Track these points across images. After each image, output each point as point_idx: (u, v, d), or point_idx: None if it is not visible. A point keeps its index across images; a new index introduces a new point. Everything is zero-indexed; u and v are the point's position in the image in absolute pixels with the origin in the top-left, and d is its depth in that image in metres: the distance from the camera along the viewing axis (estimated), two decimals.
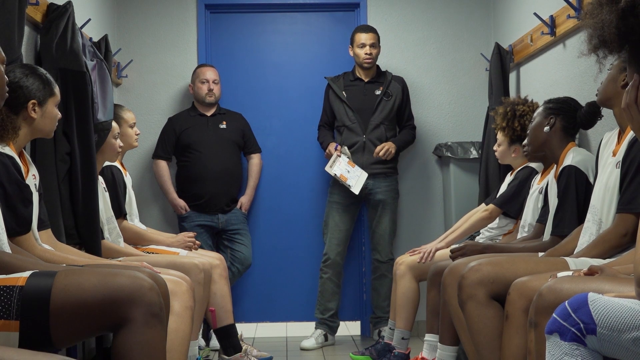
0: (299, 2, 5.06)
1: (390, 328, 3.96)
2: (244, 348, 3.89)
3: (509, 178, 3.79)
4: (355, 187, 4.46)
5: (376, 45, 4.59)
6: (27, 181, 2.49)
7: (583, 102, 3.16)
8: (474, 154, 4.57)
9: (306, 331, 4.73)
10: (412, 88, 4.91)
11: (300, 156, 5.01)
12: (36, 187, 2.59)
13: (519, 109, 3.63)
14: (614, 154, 2.59)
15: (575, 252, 2.67)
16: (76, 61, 3.24)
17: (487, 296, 2.56)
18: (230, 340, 3.85)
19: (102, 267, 2.32)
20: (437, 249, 3.73)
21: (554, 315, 1.72)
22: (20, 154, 2.54)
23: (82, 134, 3.23)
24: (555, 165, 3.11)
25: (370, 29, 4.59)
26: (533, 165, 3.58)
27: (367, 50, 4.55)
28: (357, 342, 4.71)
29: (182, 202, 4.69)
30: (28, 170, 2.55)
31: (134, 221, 3.94)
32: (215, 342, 4.22)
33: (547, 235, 3.07)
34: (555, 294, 1.97)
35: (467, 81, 4.97)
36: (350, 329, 5.02)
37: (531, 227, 3.35)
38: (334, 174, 4.47)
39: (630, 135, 2.51)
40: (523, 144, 3.33)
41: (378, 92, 4.63)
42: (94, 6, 4.28)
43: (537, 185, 3.41)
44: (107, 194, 3.50)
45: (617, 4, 1.70)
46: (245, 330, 4.62)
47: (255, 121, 4.91)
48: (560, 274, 2.19)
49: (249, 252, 4.76)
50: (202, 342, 4.19)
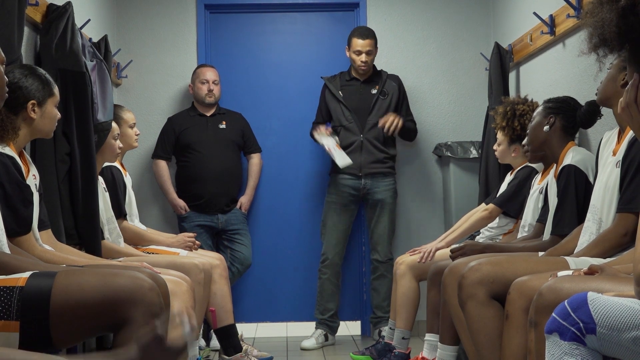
0: (299, 2, 5.06)
1: (390, 328, 3.96)
2: (244, 348, 3.89)
3: (509, 177, 3.79)
4: (339, 160, 4.43)
5: (372, 52, 4.57)
6: (28, 181, 2.49)
7: (583, 102, 3.16)
8: (474, 153, 4.57)
9: (306, 331, 4.73)
10: (411, 88, 4.92)
11: (300, 156, 5.01)
12: (36, 188, 2.59)
13: (519, 108, 3.63)
14: (614, 154, 2.59)
15: (575, 252, 2.67)
16: (76, 61, 3.24)
17: (487, 296, 2.56)
18: (230, 341, 3.85)
19: (102, 268, 2.32)
20: (437, 249, 3.73)
21: (554, 314, 1.72)
22: (21, 154, 2.54)
23: (82, 135, 3.23)
24: (555, 164, 3.11)
25: (368, 35, 4.55)
26: (533, 164, 3.57)
27: (363, 58, 4.53)
28: (357, 342, 4.71)
29: (181, 202, 4.69)
30: (28, 171, 2.55)
31: (134, 221, 3.94)
32: (215, 342, 4.22)
33: (547, 235, 3.07)
34: (556, 293, 1.97)
35: (466, 81, 4.97)
36: (350, 328, 5.02)
37: (531, 227, 3.35)
38: (322, 143, 4.46)
39: (630, 134, 2.51)
40: (523, 143, 3.33)
41: (374, 92, 4.62)
42: (94, 7, 4.28)
43: (537, 185, 3.41)
44: (107, 194, 3.50)
45: (618, 2, 1.70)
46: (245, 330, 4.62)
47: (255, 121, 4.91)
48: (561, 274, 2.19)
49: (249, 252, 4.76)
50: (202, 342, 4.19)
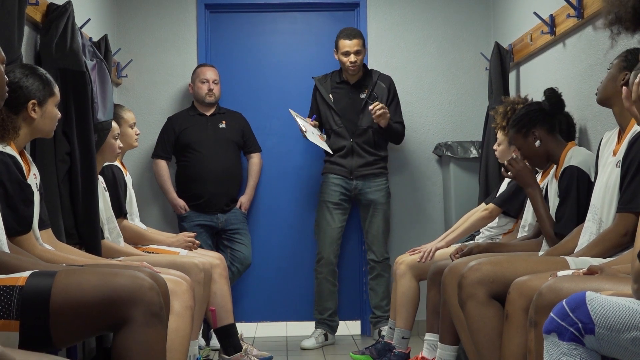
0: (299, 2, 5.06)
1: (390, 327, 3.96)
2: (244, 348, 3.89)
3: None
4: (309, 136, 4.38)
5: (361, 52, 4.53)
6: (29, 181, 2.49)
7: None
8: (474, 153, 4.57)
9: (306, 331, 4.73)
10: (411, 87, 4.92)
11: (300, 156, 5.01)
12: (37, 187, 2.59)
13: (519, 108, 3.62)
14: (614, 154, 2.59)
15: (575, 252, 2.67)
16: (76, 61, 3.24)
17: (487, 295, 2.56)
18: (230, 340, 3.85)
19: (102, 267, 2.32)
20: (437, 249, 3.73)
21: (552, 314, 1.72)
22: (21, 154, 2.54)
23: (82, 134, 3.23)
24: (555, 165, 3.10)
25: (355, 35, 4.52)
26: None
27: (352, 58, 4.51)
28: (357, 341, 4.71)
29: (181, 202, 4.69)
30: (29, 170, 2.55)
31: (135, 221, 3.94)
32: (215, 342, 4.22)
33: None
34: (555, 293, 1.97)
35: (467, 80, 4.97)
36: (350, 328, 5.02)
37: (531, 226, 3.34)
38: (298, 122, 4.39)
39: (630, 134, 2.51)
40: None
41: (363, 96, 4.60)
42: (94, 6, 4.28)
43: None
44: (107, 193, 3.50)
45: None
46: (245, 329, 4.62)
47: (255, 121, 4.91)
48: (560, 273, 2.19)
49: (249, 252, 4.76)
50: (202, 341, 4.19)
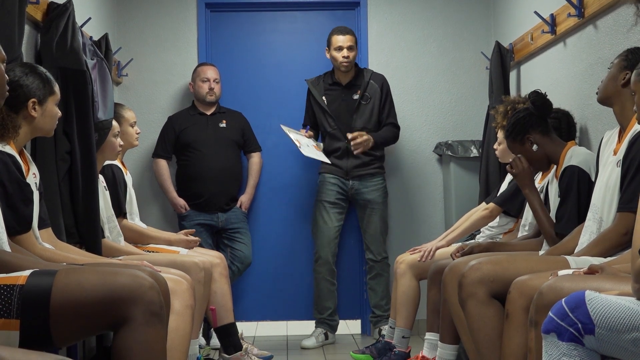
0: (299, 1, 5.06)
1: (390, 327, 3.96)
2: (244, 347, 3.88)
3: (509, 177, 3.78)
4: (305, 151, 4.38)
5: (353, 48, 4.53)
6: (28, 180, 2.49)
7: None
8: (475, 152, 4.57)
9: (307, 330, 4.73)
10: (412, 87, 4.91)
11: (300, 155, 4.99)
12: (37, 186, 2.59)
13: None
14: (615, 153, 2.59)
15: (575, 251, 2.67)
16: (76, 60, 3.24)
17: (488, 295, 2.56)
18: (230, 339, 3.85)
19: (103, 266, 2.32)
20: (438, 248, 3.73)
21: (551, 314, 1.72)
22: (21, 153, 2.54)
23: (83, 133, 3.23)
24: (556, 165, 3.10)
25: (347, 31, 4.53)
26: None
27: (345, 53, 4.50)
28: (357, 340, 4.71)
29: (182, 201, 4.69)
30: (29, 169, 2.55)
31: (135, 220, 3.94)
32: (215, 341, 4.22)
33: None
34: (556, 292, 1.97)
35: (467, 80, 4.97)
36: (350, 327, 5.02)
37: (532, 226, 3.34)
38: (290, 136, 4.38)
39: (630, 133, 2.51)
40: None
41: (356, 97, 4.59)
42: (94, 5, 4.28)
43: (537, 184, 3.40)
44: (108, 192, 3.50)
45: None
46: (245, 329, 4.62)
47: (255, 120, 4.91)
48: (561, 272, 2.19)
49: (249, 251, 4.76)
50: (202, 340, 4.19)
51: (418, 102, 4.93)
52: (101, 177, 3.47)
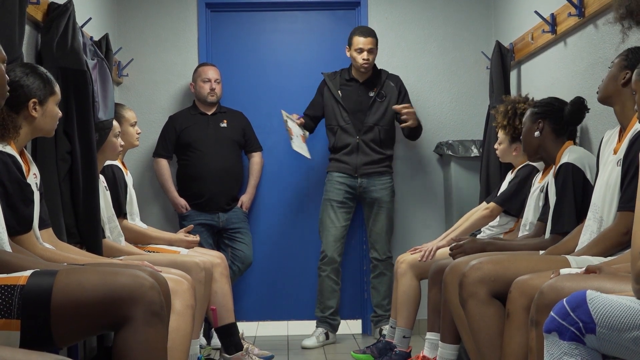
0: (300, 1, 5.06)
1: (391, 326, 3.96)
2: (245, 347, 3.89)
3: (509, 176, 3.79)
4: (294, 143, 4.48)
5: (374, 50, 4.56)
6: (28, 180, 2.49)
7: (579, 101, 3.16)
8: (475, 152, 4.57)
9: (307, 329, 4.73)
10: (413, 87, 4.91)
11: (301, 155, 5.00)
12: (37, 186, 2.59)
13: (520, 107, 3.63)
14: (615, 152, 2.59)
15: (576, 250, 2.67)
16: (77, 60, 3.24)
17: (488, 294, 2.56)
18: (231, 339, 3.85)
19: (103, 266, 2.32)
20: (438, 248, 3.73)
21: (552, 313, 1.72)
22: (21, 153, 2.54)
23: (83, 133, 3.23)
24: (554, 164, 3.11)
25: (369, 33, 4.56)
26: (534, 163, 3.57)
27: (365, 55, 4.53)
28: (358, 340, 4.71)
29: (182, 201, 4.69)
30: (29, 169, 2.55)
31: (135, 220, 3.94)
32: (216, 341, 4.22)
33: (548, 234, 3.07)
34: (556, 292, 1.97)
35: (468, 79, 4.97)
36: (351, 327, 5.02)
37: (532, 225, 3.35)
38: (289, 127, 4.48)
39: (631, 133, 2.51)
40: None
41: (372, 94, 4.61)
42: (95, 5, 4.28)
43: (538, 183, 3.41)
44: (108, 192, 3.50)
45: None
46: (246, 328, 4.62)
47: (256, 120, 4.91)
48: (563, 271, 2.19)
49: (250, 251, 4.76)
50: (203, 340, 4.19)
51: (418, 101, 4.93)
52: (102, 177, 3.48)
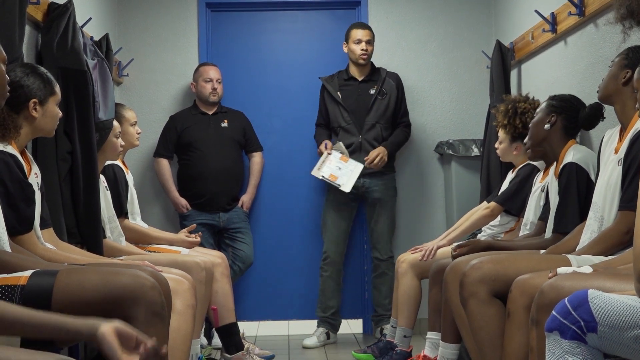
0: (300, 0, 5.06)
1: (392, 326, 3.96)
2: (246, 346, 3.89)
3: (510, 176, 3.78)
4: (347, 185, 4.43)
5: (371, 42, 4.59)
6: (30, 180, 2.49)
7: (585, 99, 3.15)
8: (476, 151, 4.57)
9: (308, 329, 4.73)
10: (413, 86, 4.91)
11: (301, 154, 5.00)
12: (38, 186, 2.59)
13: (520, 106, 3.63)
14: (616, 152, 2.59)
15: (577, 250, 2.67)
16: (77, 60, 3.24)
17: (489, 294, 2.56)
18: (232, 339, 3.85)
19: (104, 266, 2.33)
20: (439, 247, 3.73)
21: (554, 312, 1.72)
22: (23, 153, 2.54)
23: (83, 133, 3.23)
24: (556, 162, 3.10)
25: (366, 26, 4.60)
26: (534, 162, 3.57)
27: (363, 46, 4.54)
28: (359, 340, 4.71)
29: (183, 201, 4.69)
30: (30, 169, 2.55)
31: (136, 220, 3.94)
32: (217, 341, 4.22)
33: (548, 233, 3.07)
34: (557, 291, 1.97)
35: (468, 79, 4.97)
36: (352, 327, 5.02)
37: (533, 225, 3.34)
38: (322, 176, 4.46)
39: (631, 132, 2.51)
40: (524, 141, 3.32)
41: (372, 92, 4.61)
42: (95, 5, 4.28)
43: (539, 183, 3.40)
44: (109, 192, 3.50)
45: None
46: (247, 328, 4.62)
47: (256, 120, 4.91)
48: (560, 270, 2.19)
49: (251, 251, 4.76)
50: (204, 340, 4.19)
51: (419, 101, 4.93)
52: (102, 177, 3.48)
